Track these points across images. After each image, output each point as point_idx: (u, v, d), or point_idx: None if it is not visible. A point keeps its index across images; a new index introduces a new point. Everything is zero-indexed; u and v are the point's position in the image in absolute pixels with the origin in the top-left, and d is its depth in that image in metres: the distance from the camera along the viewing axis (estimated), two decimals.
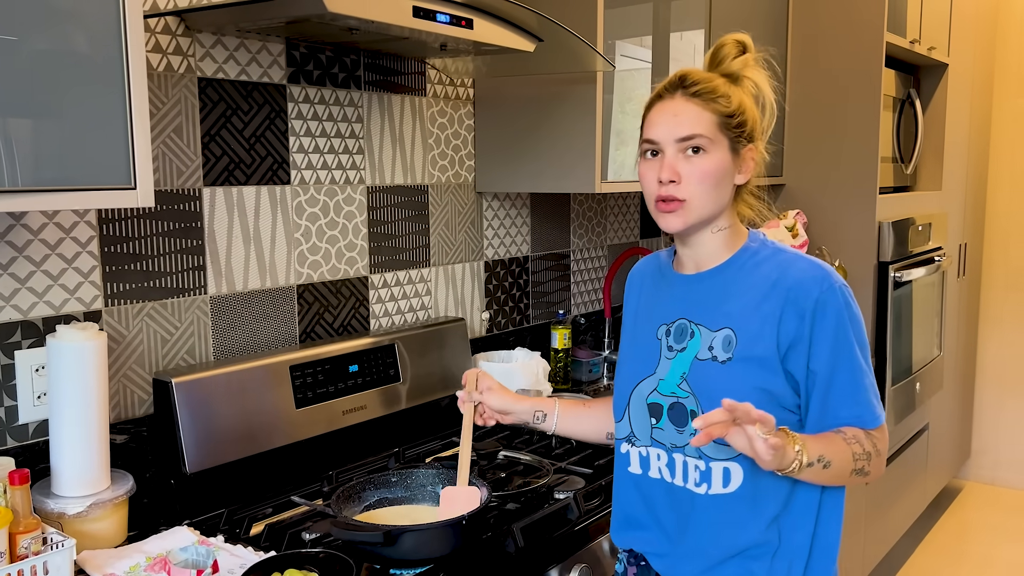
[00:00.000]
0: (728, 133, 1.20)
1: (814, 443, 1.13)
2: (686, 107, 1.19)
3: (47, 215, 1.42)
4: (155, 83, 1.54)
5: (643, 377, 1.28)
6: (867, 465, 1.18)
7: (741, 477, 1.20)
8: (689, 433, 1.21)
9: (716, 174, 1.19)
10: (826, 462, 1.13)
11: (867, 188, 2.87)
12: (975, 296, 4.19)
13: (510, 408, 1.42)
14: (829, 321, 1.17)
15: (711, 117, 1.18)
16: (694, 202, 1.19)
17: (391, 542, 1.22)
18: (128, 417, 1.55)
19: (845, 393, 1.18)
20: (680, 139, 1.18)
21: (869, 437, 1.19)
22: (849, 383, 1.18)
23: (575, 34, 1.73)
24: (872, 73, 2.82)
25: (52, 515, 1.30)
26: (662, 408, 1.24)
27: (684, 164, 1.18)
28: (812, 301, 1.17)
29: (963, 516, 3.97)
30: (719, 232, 1.24)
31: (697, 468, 1.22)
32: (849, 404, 1.18)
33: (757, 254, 1.24)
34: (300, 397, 1.68)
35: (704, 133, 1.18)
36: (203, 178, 1.64)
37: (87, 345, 1.32)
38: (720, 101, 1.19)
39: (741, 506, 1.20)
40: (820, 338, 1.17)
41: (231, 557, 1.29)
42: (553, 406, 1.44)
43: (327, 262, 1.88)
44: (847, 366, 1.18)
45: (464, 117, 2.20)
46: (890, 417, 3.01)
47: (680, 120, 1.18)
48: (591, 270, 2.72)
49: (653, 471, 1.27)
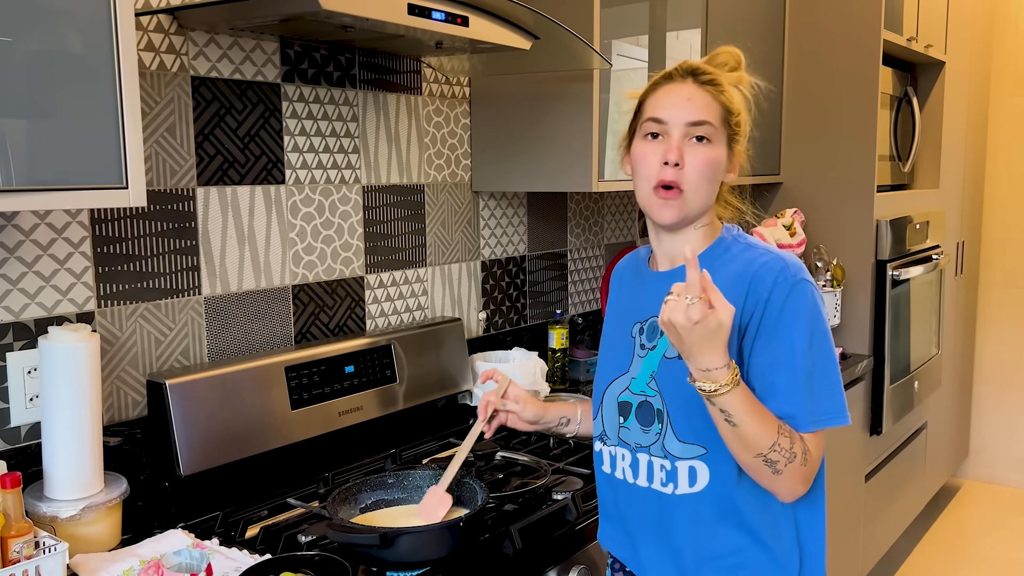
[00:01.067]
0: (728, 129, 1.20)
1: (744, 398, 1.06)
2: (699, 93, 1.18)
3: (39, 215, 1.40)
4: (148, 82, 1.53)
5: (617, 375, 1.27)
6: (782, 463, 1.09)
7: (707, 476, 1.17)
8: (655, 432, 1.19)
9: (715, 166, 1.18)
10: (733, 420, 1.06)
11: (865, 186, 2.86)
12: (973, 294, 4.19)
13: (542, 418, 1.41)
14: (776, 311, 1.13)
15: (719, 108, 1.18)
16: (691, 194, 1.18)
17: (387, 544, 1.21)
18: (122, 419, 1.53)
19: (779, 387, 1.13)
20: (691, 123, 1.17)
21: (800, 442, 1.11)
22: (786, 379, 1.12)
23: (572, 32, 1.72)
24: (869, 71, 2.82)
25: (45, 519, 1.28)
26: (631, 407, 1.23)
27: (688, 150, 1.17)
28: (767, 291, 1.14)
29: (961, 514, 3.97)
30: (700, 228, 1.23)
31: (663, 468, 1.20)
32: (781, 399, 1.12)
33: (728, 250, 1.22)
34: (296, 398, 1.67)
35: (713, 122, 1.17)
36: (197, 178, 1.62)
37: (80, 347, 1.30)
38: (725, 95, 1.19)
39: (709, 507, 1.17)
40: (765, 328, 1.13)
41: (226, 560, 1.28)
42: (575, 410, 1.44)
43: (323, 262, 1.87)
44: (787, 361, 1.12)
45: (460, 116, 2.19)
46: (888, 416, 3.01)
47: (694, 104, 1.17)
48: (588, 269, 2.71)
49: (619, 471, 1.26)
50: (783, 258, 1.18)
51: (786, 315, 1.13)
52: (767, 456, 1.09)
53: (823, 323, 1.15)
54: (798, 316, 1.13)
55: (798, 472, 1.11)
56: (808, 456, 1.12)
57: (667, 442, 1.19)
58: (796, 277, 1.15)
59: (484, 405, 1.39)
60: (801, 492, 1.13)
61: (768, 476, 1.11)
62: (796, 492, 1.13)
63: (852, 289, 2.90)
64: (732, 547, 1.18)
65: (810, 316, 1.14)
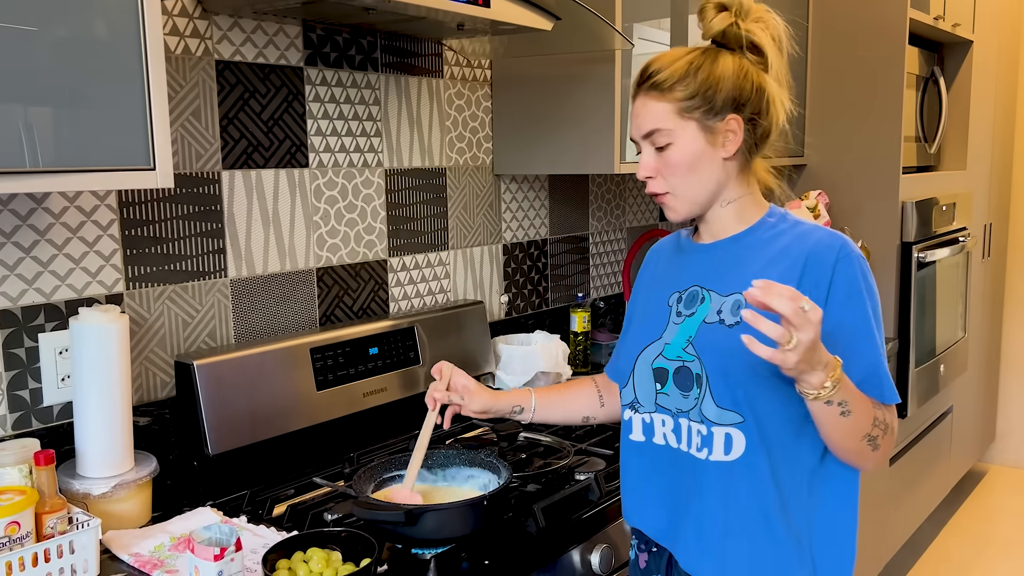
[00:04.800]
0: (692, 115, 1.17)
1: (849, 384, 1.08)
2: (644, 104, 1.20)
3: (68, 198, 1.43)
4: (173, 66, 1.55)
5: (649, 342, 1.26)
6: (881, 436, 1.13)
7: (743, 446, 1.16)
8: (694, 397, 1.20)
9: (687, 161, 1.18)
10: (847, 409, 1.07)
11: (890, 168, 2.83)
12: (1000, 277, 4.14)
13: (490, 408, 1.40)
14: (844, 286, 1.14)
15: (668, 107, 1.17)
16: (677, 192, 1.20)
17: (412, 521, 1.22)
18: (151, 399, 1.56)
19: (863, 359, 1.14)
20: (644, 136, 1.20)
21: (885, 410, 1.15)
22: (866, 350, 1.14)
23: (593, 11, 1.71)
24: (895, 51, 2.78)
25: (77, 496, 1.31)
26: (667, 373, 1.23)
27: (658, 158, 1.20)
28: (829, 268, 1.14)
29: (987, 499, 3.94)
30: (730, 204, 1.23)
31: (699, 432, 1.19)
32: (866, 370, 1.14)
33: (775, 227, 1.22)
34: (321, 379, 1.69)
35: (662, 126, 1.18)
36: (222, 161, 1.64)
37: (110, 327, 1.33)
38: (677, 88, 1.16)
39: (743, 478, 1.17)
40: (835, 302, 1.14)
41: (254, 537, 1.30)
42: (529, 398, 1.43)
43: (346, 245, 1.88)
44: (864, 334, 1.14)
45: (481, 99, 2.19)
46: (913, 400, 2.98)
47: (640, 119, 1.21)
48: (610, 252, 2.71)
49: (658, 437, 1.25)
50: (838, 235, 1.18)
51: (856, 289, 1.15)
52: (871, 434, 1.11)
53: (877, 297, 1.19)
54: (868, 292, 1.16)
55: (889, 443, 1.15)
56: (890, 422, 1.15)
57: (704, 407, 1.18)
58: (855, 252, 1.17)
59: (429, 399, 1.39)
60: (887, 456, 1.16)
61: (868, 454, 1.14)
62: (881, 464, 1.17)
63: (877, 271, 2.87)
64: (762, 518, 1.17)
65: (871, 292, 1.17)
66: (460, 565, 1.24)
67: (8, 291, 1.37)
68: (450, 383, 1.40)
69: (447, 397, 1.38)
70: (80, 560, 1.18)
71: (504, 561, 1.27)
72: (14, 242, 1.37)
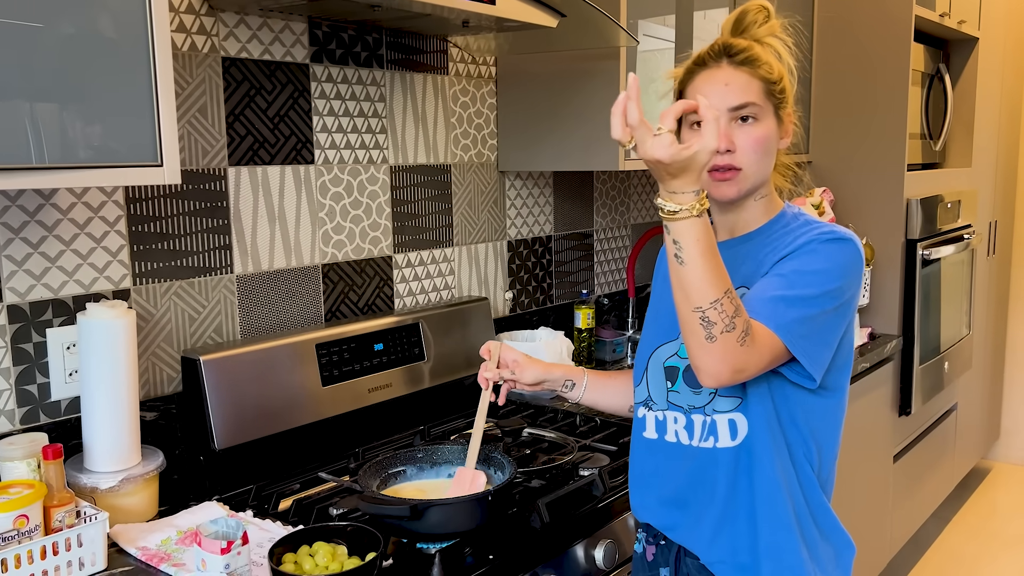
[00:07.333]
0: (772, 99, 1.20)
1: (702, 236, 1.01)
2: (736, 75, 1.18)
3: (75, 194, 1.43)
4: (179, 63, 1.55)
5: (663, 342, 1.28)
6: (719, 328, 1.02)
7: (747, 427, 1.18)
8: (707, 393, 1.20)
9: (767, 141, 1.19)
10: (680, 254, 1.02)
11: (895, 165, 2.83)
12: (1005, 274, 4.13)
13: (544, 377, 1.41)
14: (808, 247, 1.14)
15: (759, 84, 1.18)
16: (749, 170, 1.19)
17: (417, 516, 1.23)
18: (157, 394, 1.57)
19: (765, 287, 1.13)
20: (733, 108, 1.18)
21: (746, 321, 1.05)
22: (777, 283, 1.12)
23: (598, 8, 1.71)
24: (900, 47, 2.78)
25: (85, 489, 1.32)
26: (678, 371, 1.24)
27: (737, 133, 1.18)
28: (811, 240, 1.16)
29: (992, 497, 3.93)
30: (761, 199, 1.25)
31: (704, 424, 1.21)
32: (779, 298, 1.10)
33: (788, 225, 1.24)
34: (326, 375, 1.69)
35: (756, 101, 1.18)
36: (228, 157, 1.65)
37: (117, 323, 1.33)
38: (763, 68, 1.19)
39: (753, 457, 1.18)
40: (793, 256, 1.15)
41: (260, 531, 1.31)
42: (582, 375, 1.44)
43: (351, 241, 1.89)
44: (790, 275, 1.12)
45: (486, 95, 2.19)
46: (918, 397, 2.98)
47: (732, 89, 1.18)
48: (614, 249, 2.71)
49: (670, 435, 1.27)
50: (837, 229, 1.18)
51: (808, 248, 1.14)
52: (705, 313, 1.02)
53: (845, 281, 1.13)
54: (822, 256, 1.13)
55: (732, 349, 1.03)
56: (748, 339, 1.04)
57: (716, 403, 1.21)
58: (836, 235, 1.15)
59: (482, 379, 1.39)
60: (726, 378, 1.05)
61: (700, 341, 1.04)
62: (720, 374, 1.05)
63: (882, 269, 2.87)
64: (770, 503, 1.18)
65: (842, 275, 1.13)
66: (465, 560, 1.25)
67: (16, 286, 1.38)
68: (500, 360, 1.40)
69: (498, 375, 1.39)
70: (88, 553, 1.19)
71: (508, 556, 1.28)
72: (22, 238, 1.38)
